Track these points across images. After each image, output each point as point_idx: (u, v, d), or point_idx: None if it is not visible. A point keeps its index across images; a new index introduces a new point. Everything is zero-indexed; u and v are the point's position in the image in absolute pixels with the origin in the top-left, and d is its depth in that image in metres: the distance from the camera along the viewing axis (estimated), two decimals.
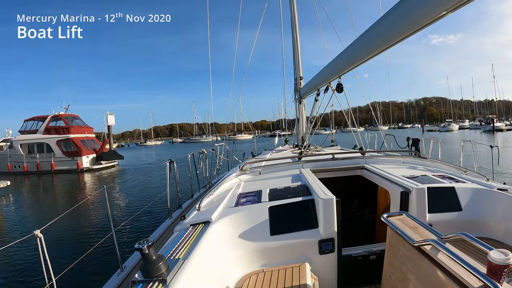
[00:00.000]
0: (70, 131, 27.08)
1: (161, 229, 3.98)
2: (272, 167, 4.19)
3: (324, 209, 2.38)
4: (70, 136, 26.71)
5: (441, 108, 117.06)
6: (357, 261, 2.69)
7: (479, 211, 2.74)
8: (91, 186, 18.15)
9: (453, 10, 1.62)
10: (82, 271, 5.53)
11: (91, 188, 17.34)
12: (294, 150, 6.39)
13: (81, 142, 27.33)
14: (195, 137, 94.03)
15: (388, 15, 2.15)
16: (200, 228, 2.23)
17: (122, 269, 2.94)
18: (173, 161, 4.72)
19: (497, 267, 1.19)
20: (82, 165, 25.85)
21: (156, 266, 1.43)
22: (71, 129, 27.27)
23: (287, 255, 2.35)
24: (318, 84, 4.81)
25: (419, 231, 1.81)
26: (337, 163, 4.11)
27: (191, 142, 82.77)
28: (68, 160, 25.91)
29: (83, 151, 26.38)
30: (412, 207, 2.71)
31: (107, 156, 28.14)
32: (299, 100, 7.12)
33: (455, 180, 3.15)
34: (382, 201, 3.51)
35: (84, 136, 28.45)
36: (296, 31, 7.32)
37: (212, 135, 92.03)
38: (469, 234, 1.51)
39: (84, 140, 28.01)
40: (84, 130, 29.18)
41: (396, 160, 4.40)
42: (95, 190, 15.87)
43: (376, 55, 2.63)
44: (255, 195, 2.90)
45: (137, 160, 35.74)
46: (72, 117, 29.35)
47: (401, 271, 1.87)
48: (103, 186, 3.22)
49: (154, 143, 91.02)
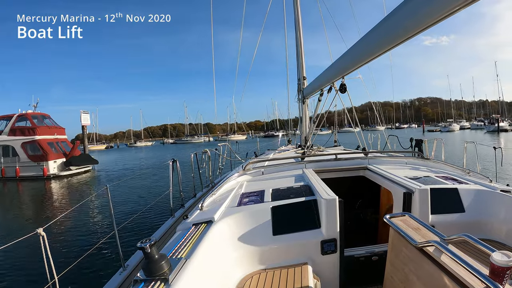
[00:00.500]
0: (36, 132, 23.45)
1: (164, 228, 4.00)
2: (275, 167, 4.19)
3: (327, 210, 2.37)
4: (36, 137, 23.13)
5: (435, 108, 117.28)
6: (359, 262, 2.69)
7: (482, 212, 2.73)
8: (49, 198, 15.29)
9: (459, 10, 1.61)
10: (85, 270, 5.57)
11: (48, 201, 14.55)
12: (297, 150, 6.39)
13: (49, 144, 23.67)
14: (187, 137, 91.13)
15: (392, 15, 2.14)
16: (203, 228, 2.23)
17: (125, 267, 2.96)
18: (176, 161, 4.74)
19: (500, 269, 1.19)
20: (49, 171, 22.19)
21: (158, 265, 1.43)
22: (37, 129, 23.64)
23: (289, 255, 2.35)
24: (322, 84, 4.80)
25: (421, 232, 1.81)
26: (340, 163, 4.10)
27: (182, 143, 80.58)
28: (33, 165, 22.47)
29: (49, 155, 22.71)
30: (415, 208, 2.70)
31: (77, 161, 24.42)
32: (303, 100, 7.11)
33: (458, 181, 3.14)
34: (384, 202, 3.50)
35: (52, 138, 24.71)
36: (300, 30, 7.31)
37: (204, 136, 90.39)
38: (472, 236, 1.50)
39: (53, 143, 24.38)
40: (53, 131, 25.34)
41: (399, 160, 4.39)
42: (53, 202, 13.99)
43: (380, 55, 2.62)
44: (257, 195, 2.91)
45: (117, 165, 31.63)
46: (41, 116, 25.81)
47: (403, 272, 1.87)
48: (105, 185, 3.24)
49: (144, 144, 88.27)
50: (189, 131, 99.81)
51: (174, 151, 42.21)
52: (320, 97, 5.22)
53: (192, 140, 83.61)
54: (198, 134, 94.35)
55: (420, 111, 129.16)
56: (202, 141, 78.86)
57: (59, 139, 25.64)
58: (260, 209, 2.54)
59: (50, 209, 12.70)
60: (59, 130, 26.39)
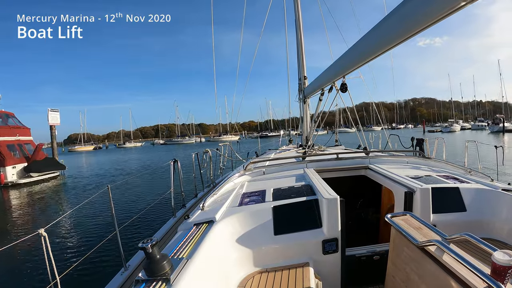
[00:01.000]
0: None
1: (165, 228, 4.00)
2: (276, 167, 4.19)
3: (328, 209, 2.37)
4: None
5: (430, 109, 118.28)
6: (360, 262, 2.68)
7: (483, 211, 2.72)
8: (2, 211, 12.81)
9: (459, 9, 1.61)
10: (86, 270, 5.59)
11: None
12: (298, 150, 6.39)
13: (8, 147, 20.58)
14: (178, 138, 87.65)
15: (392, 14, 2.14)
16: (204, 228, 2.23)
17: (126, 268, 2.97)
18: (177, 161, 4.75)
19: (501, 268, 1.18)
20: (6, 179, 19.16)
21: (160, 265, 1.43)
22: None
23: (290, 255, 2.35)
24: (323, 83, 4.80)
25: (423, 232, 1.81)
26: (341, 163, 4.10)
27: (173, 144, 77.69)
28: None
29: (7, 160, 19.59)
30: (416, 208, 2.70)
31: (39, 166, 21.02)
32: (304, 100, 7.11)
33: (459, 181, 3.13)
34: (386, 201, 3.50)
35: (14, 140, 21.62)
36: (301, 30, 7.31)
37: (195, 136, 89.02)
38: (473, 235, 1.50)
39: (14, 145, 21.35)
40: (14, 131, 22.25)
41: (400, 160, 4.38)
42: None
43: (381, 55, 2.62)
44: (259, 195, 2.91)
45: (92, 170, 28.16)
46: (5, 115, 22.95)
47: (405, 271, 1.87)
48: (106, 186, 3.24)
49: (133, 144, 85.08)
50: (180, 132, 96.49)
51: (164, 154, 40.35)
52: (321, 97, 5.22)
53: (183, 141, 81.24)
54: (189, 134, 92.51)
55: (415, 111, 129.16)
56: (193, 142, 77.43)
57: (22, 140, 22.57)
58: (261, 209, 2.54)
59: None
60: (22, 131, 23.29)
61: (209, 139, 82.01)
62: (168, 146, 72.75)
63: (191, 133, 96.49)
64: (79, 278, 5.18)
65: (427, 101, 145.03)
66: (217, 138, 78.09)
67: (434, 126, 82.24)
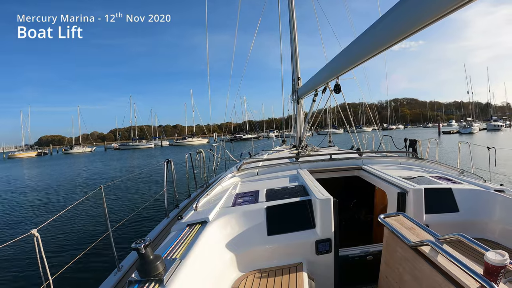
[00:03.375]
0: None
1: (158, 229, 3.97)
2: (269, 168, 4.19)
3: (321, 210, 2.38)
4: None
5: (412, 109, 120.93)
6: (354, 262, 2.70)
7: (476, 212, 2.76)
8: None
9: (453, 12, 1.62)
10: (79, 271, 5.51)
11: None
12: (292, 150, 6.40)
13: None
14: (134, 141, 72.81)
15: (386, 16, 2.15)
16: (197, 228, 2.22)
17: (119, 268, 2.94)
18: (170, 161, 4.72)
19: (494, 268, 1.20)
20: None
21: (153, 266, 1.42)
22: None
23: (284, 255, 2.35)
24: (316, 84, 4.81)
25: (416, 232, 1.82)
26: (335, 163, 4.11)
27: (127, 149, 65.33)
28: None
29: None
30: (409, 208, 2.72)
31: None
32: (297, 100, 7.12)
33: (452, 181, 3.16)
34: (379, 202, 3.52)
35: None
36: (295, 31, 7.32)
37: (156, 139, 76.83)
38: (466, 235, 1.52)
39: None
40: None
41: (393, 161, 4.42)
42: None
43: (374, 56, 2.63)
44: (252, 195, 2.90)
45: None
46: None
47: (397, 271, 1.88)
48: (99, 186, 3.20)
49: (82, 150, 69.67)
50: (137, 134, 79.52)
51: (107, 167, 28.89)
52: (315, 98, 5.24)
53: (139, 145, 68.63)
54: (148, 137, 78.71)
55: (398, 112, 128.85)
56: (152, 146, 67.16)
57: None
58: (254, 209, 2.53)
59: None
60: None
61: (173, 143, 70.85)
62: (122, 151, 60.94)
63: (153, 135, 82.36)
64: (72, 279, 5.10)
65: (408, 102, 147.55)
66: (181, 141, 68.07)
67: (434, 127, 75.17)
